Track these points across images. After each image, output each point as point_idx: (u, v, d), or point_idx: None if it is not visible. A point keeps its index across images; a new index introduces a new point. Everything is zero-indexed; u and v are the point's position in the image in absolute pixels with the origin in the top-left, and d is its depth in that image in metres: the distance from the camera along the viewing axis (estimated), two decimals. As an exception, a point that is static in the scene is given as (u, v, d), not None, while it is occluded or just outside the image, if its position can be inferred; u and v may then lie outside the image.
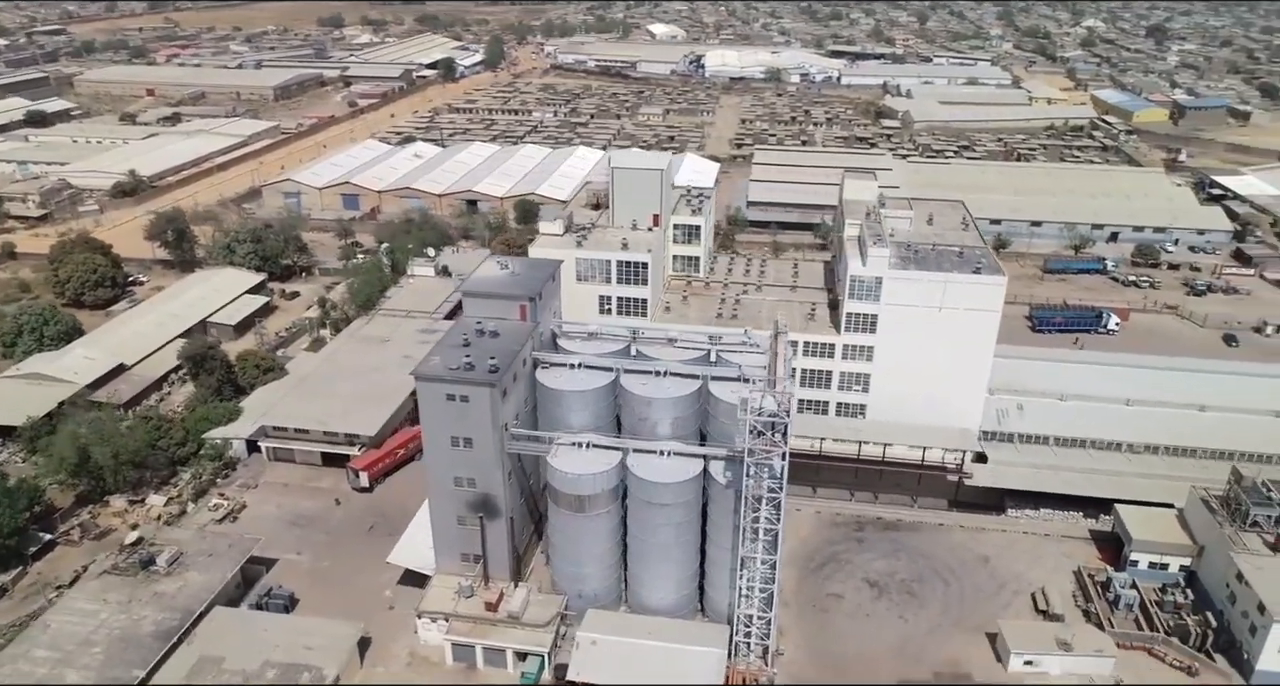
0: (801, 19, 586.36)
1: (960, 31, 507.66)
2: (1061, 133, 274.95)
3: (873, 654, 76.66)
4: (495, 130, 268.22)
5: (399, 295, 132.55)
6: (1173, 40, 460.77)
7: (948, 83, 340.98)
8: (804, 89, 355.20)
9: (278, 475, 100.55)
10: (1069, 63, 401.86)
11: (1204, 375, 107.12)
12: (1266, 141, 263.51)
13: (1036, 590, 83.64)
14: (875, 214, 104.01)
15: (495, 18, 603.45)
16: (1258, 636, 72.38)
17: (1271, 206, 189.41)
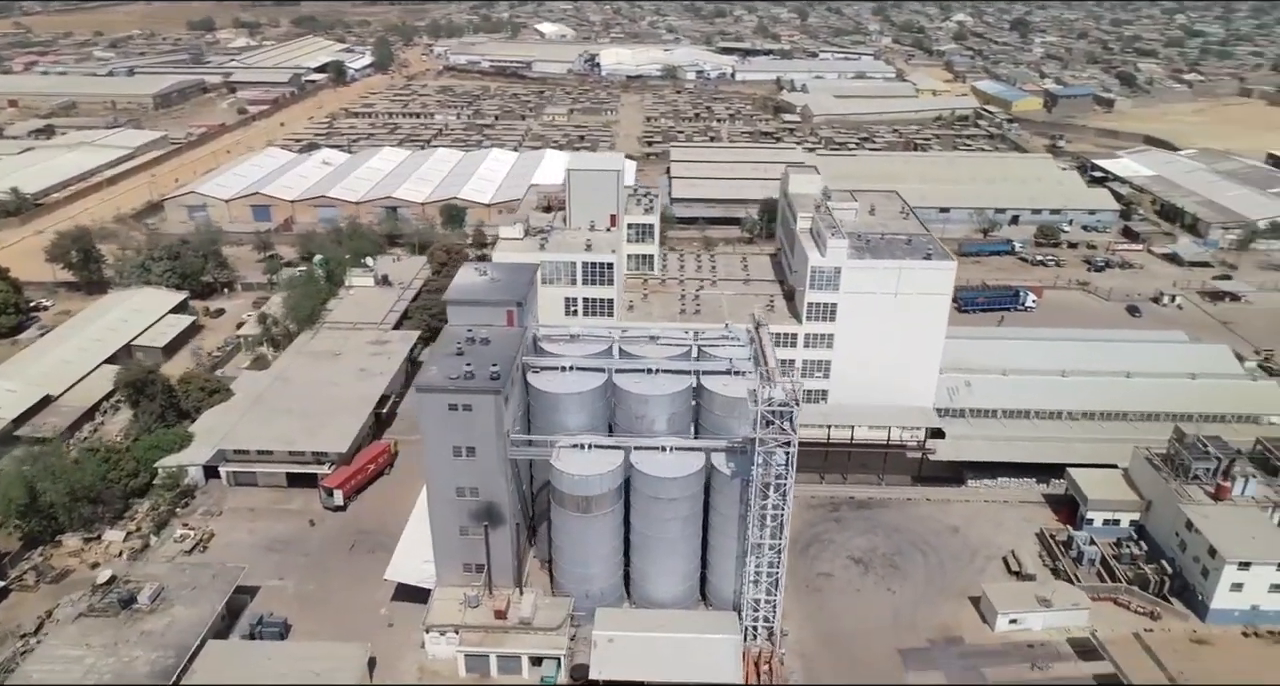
0: (687, 17, 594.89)
1: (841, 27, 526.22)
2: (949, 123, 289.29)
3: (870, 626, 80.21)
4: (400, 134, 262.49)
5: (341, 307, 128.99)
6: (1035, 33, 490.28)
7: (838, 77, 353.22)
8: (701, 86, 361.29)
9: (242, 500, 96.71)
10: (945, 56, 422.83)
11: (1127, 344, 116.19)
12: (1131, 126, 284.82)
13: (1007, 553, 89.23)
14: (824, 207, 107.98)
15: (376, 18, 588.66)
16: (1210, 578, 79.48)
17: (1149, 186, 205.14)
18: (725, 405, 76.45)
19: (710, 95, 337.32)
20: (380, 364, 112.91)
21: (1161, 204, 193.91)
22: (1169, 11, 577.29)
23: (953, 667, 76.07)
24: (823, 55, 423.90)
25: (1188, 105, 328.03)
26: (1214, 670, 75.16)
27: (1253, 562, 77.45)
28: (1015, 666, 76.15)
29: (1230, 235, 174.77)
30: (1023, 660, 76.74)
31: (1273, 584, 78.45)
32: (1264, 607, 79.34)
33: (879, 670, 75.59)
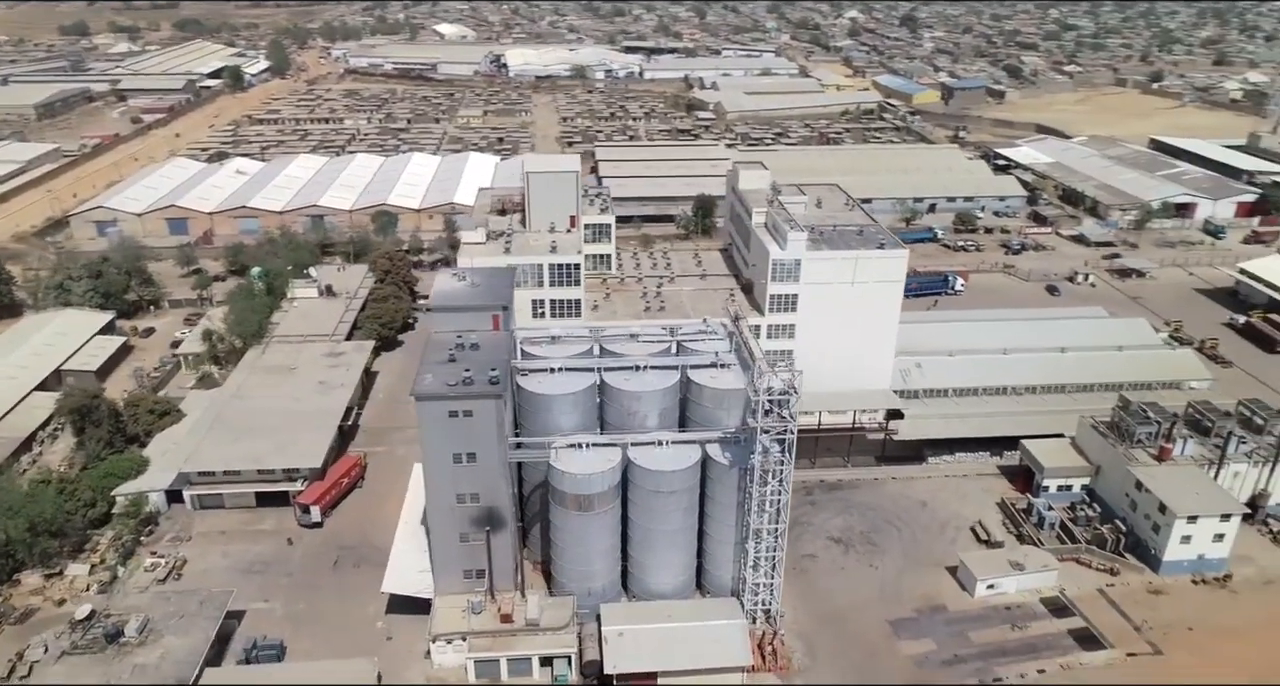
0: (587, 16, 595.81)
1: (740, 25, 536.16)
2: (856, 117, 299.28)
3: (859, 601, 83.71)
4: (311, 141, 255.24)
5: (286, 320, 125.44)
6: (923, 29, 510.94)
7: (744, 74, 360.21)
8: (611, 85, 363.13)
9: (210, 523, 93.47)
10: (843, 52, 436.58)
11: (1057, 322, 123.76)
12: (1023, 116, 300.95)
13: (974, 524, 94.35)
14: (777, 202, 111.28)
15: (264, 20, 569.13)
16: (1161, 533, 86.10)
17: (1049, 172, 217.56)
18: (715, 397, 78.41)
19: (622, 94, 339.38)
20: (338, 376, 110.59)
21: (1063, 189, 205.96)
22: (1042, 6, 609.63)
23: (940, 634, 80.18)
24: (726, 53, 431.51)
25: (1070, 95, 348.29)
26: (1171, 617, 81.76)
27: (1199, 516, 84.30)
28: (997, 628, 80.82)
29: (1128, 216, 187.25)
30: (1003, 622, 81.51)
31: (1215, 533, 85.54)
32: (1209, 556, 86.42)
33: (873, 642, 79.07)
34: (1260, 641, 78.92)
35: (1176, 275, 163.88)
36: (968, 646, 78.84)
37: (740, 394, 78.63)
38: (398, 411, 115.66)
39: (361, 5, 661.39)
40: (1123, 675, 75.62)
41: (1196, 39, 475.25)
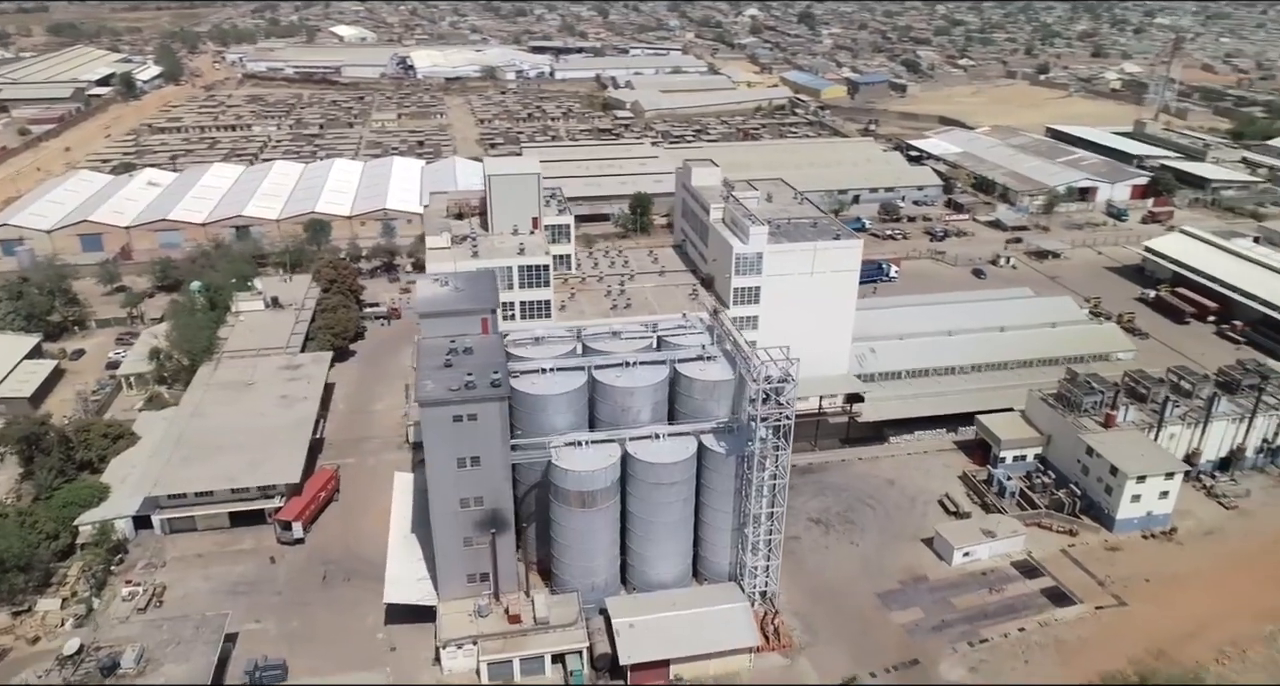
0: (488, 17, 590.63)
1: (644, 24, 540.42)
2: (769, 112, 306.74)
3: (847, 577, 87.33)
4: (221, 149, 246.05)
5: (234, 334, 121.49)
6: (821, 25, 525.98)
7: (655, 73, 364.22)
8: (523, 85, 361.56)
9: (184, 547, 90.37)
10: (747, 49, 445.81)
11: (992, 303, 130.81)
12: (926, 108, 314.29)
13: (941, 497, 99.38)
14: (732, 197, 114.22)
15: (145, 24, 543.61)
16: (1114, 494, 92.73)
17: (960, 161, 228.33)
18: (705, 389, 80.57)
19: (536, 94, 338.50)
20: (300, 389, 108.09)
21: (975, 177, 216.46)
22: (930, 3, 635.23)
23: (926, 602, 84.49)
24: (634, 52, 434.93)
25: (966, 88, 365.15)
26: (1128, 571, 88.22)
27: (1147, 475, 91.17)
28: (976, 592, 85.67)
29: (1036, 201, 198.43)
30: (981, 586, 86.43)
31: (1161, 491, 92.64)
32: (1155, 513, 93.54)
33: (865, 615, 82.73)
34: (1209, 587, 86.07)
35: (1087, 255, 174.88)
36: (952, 611, 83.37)
37: (729, 385, 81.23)
38: (360, 422, 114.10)
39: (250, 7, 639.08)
40: (1090, 630, 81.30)
41: (1073, 33, 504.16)
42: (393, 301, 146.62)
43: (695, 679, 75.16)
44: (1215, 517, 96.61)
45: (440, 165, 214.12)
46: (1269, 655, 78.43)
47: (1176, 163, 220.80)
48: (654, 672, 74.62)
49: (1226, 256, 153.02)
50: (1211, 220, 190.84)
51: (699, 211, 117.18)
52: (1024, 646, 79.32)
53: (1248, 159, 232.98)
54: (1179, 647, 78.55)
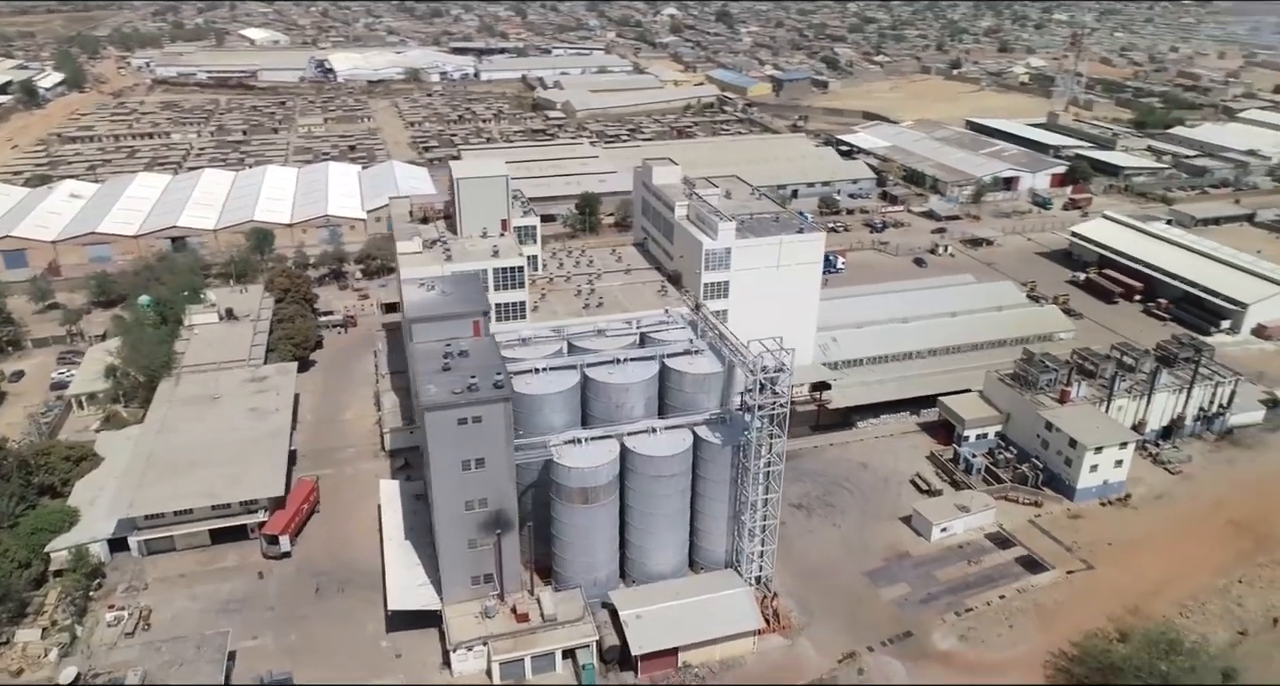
0: (403, 18, 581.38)
1: (564, 24, 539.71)
2: (699, 110, 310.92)
3: (834, 558, 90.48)
4: (142, 158, 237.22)
5: (191, 348, 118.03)
6: (739, 24, 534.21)
7: (582, 72, 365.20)
8: (449, 87, 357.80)
9: (165, 568, 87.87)
10: (669, 48, 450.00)
11: (940, 290, 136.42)
12: (849, 104, 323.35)
13: (912, 476, 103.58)
14: (695, 194, 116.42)
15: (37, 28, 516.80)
16: (1073, 465, 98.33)
17: (890, 155, 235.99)
18: (695, 382, 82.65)
19: (464, 96, 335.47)
20: (269, 401, 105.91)
21: (906, 170, 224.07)
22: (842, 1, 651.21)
23: (911, 577, 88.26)
24: (557, 52, 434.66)
25: (884, 83, 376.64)
26: (1091, 537, 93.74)
27: (1104, 446, 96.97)
28: (956, 565, 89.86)
29: (965, 191, 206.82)
30: (960, 559, 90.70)
31: (1116, 460, 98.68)
32: (1111, 481, 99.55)
33: (856, 593, 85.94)
34: (1165, 547, 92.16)
35: (1017, 241, 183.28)
36: (937, 584, 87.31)
37: (718, 377, 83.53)
38: (331, 432, 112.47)
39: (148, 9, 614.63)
40: (1064, 594, 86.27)
41: (979, 29, 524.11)
42: (347, 309, 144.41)
43: (702, 664, 77.05)
44: (1163, 483, 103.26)
45: (378, 170, 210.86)
46: (1225, 606, 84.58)
47: (1089, 152, 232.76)
48: (663, 661, 76.21)
49: (1147, 239, 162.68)
50: (1126, 205, 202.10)
51: (662, 209, 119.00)
52: (1006, 612, 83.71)
53: (1153, 147, 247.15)
54: (1145, 604, 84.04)
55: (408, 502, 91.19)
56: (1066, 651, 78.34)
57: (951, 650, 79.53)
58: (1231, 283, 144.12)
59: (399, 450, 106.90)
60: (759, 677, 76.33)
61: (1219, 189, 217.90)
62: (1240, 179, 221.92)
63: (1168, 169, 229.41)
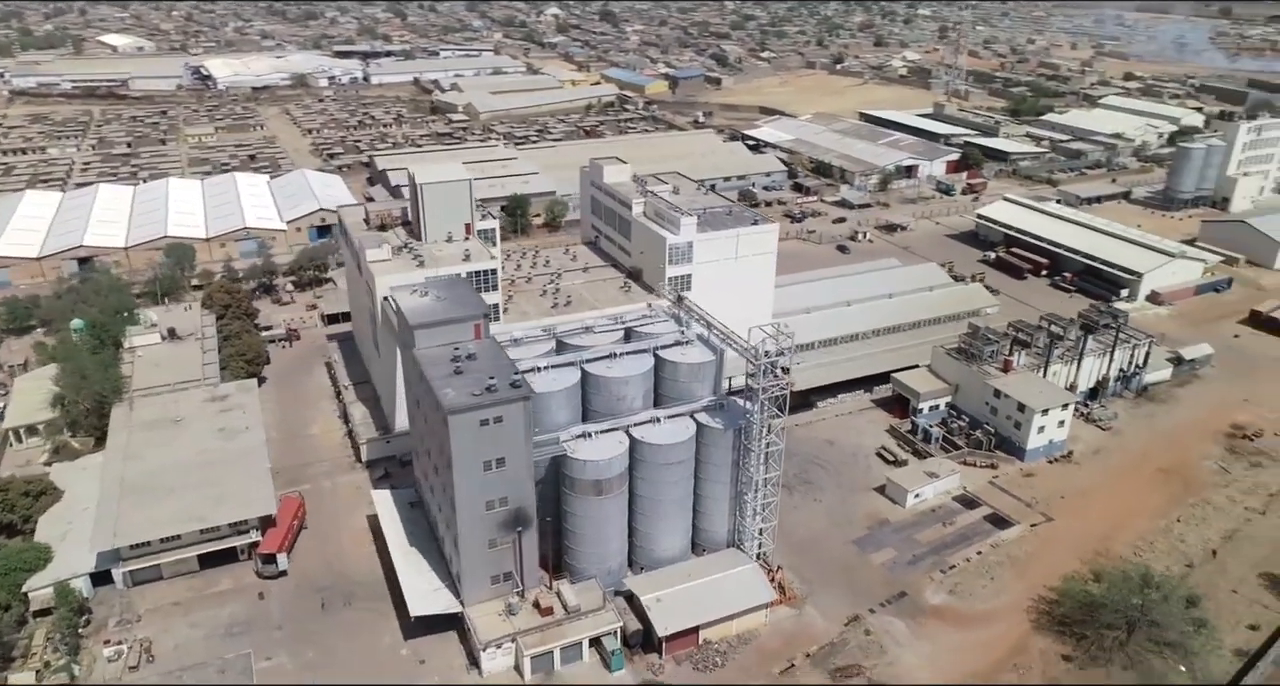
0: (276, 21, 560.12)
1: (447, 25, 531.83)
2: (601, 109, 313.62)
3: (819, 530, 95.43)
4: (21, 176, 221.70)
5: (138, 372, 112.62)
6: (623, 23, 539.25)
7: (476, 74, 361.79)
8: (340, 92, 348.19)
9: (156, 598, 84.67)
10: (558, 47, 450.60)
11: (872, 274, 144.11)
12: (744, 99, 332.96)
13: (878, 449, 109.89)
14: (650, 192, 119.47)
15: None
16: (1023, 428, 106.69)
17: (795, 148, 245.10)
18: (690, 371, 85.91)
19: (358, 101, 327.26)
20: (237, 419, 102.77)
21: (814, 162, 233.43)
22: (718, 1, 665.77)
23: (894, 541, 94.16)
24: (444, 53, 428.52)
25: (773, 79, 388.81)
26: (1045, 492, 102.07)
27: (1049, 408, 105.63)
28: (933, 527, 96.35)
29: (871, 180, 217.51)
30: (935, 522, 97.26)
31: (1059, 421, 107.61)
32: (1055, 440, 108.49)
33: (847, 561, 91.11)
34: (1110, 496, 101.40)
35: (927, 225, 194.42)
36: (919, 547, 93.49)
37: (711, 365, 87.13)
38: (301, 448, 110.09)
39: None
40: (1032, 545, 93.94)
41: (854, 25, 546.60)
42: (288, 323, 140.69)
43: (721, 640, 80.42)
44: (1097, 439, 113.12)
45: (289, 179, 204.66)
46: (1170, 543, 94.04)
47: (976, 139, 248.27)
48: (685, 640, 79.19)
49: (1046, 218, 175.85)
50: (1016, 188, 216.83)
51: (617, 207, 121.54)
52: (985, 566, 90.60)
53: (1031, 133, 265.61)
54: (1104, 547, 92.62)
55: (404, 511, 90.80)
56: (1045, 596, 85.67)
57: (944, 604, 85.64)
58: (1126, 255, 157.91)
59: (376, 461, 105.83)
60: (777, 647, 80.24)
61: (1094, 170, 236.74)
62: (1111, 160, 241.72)
63: (1048, 153, 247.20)
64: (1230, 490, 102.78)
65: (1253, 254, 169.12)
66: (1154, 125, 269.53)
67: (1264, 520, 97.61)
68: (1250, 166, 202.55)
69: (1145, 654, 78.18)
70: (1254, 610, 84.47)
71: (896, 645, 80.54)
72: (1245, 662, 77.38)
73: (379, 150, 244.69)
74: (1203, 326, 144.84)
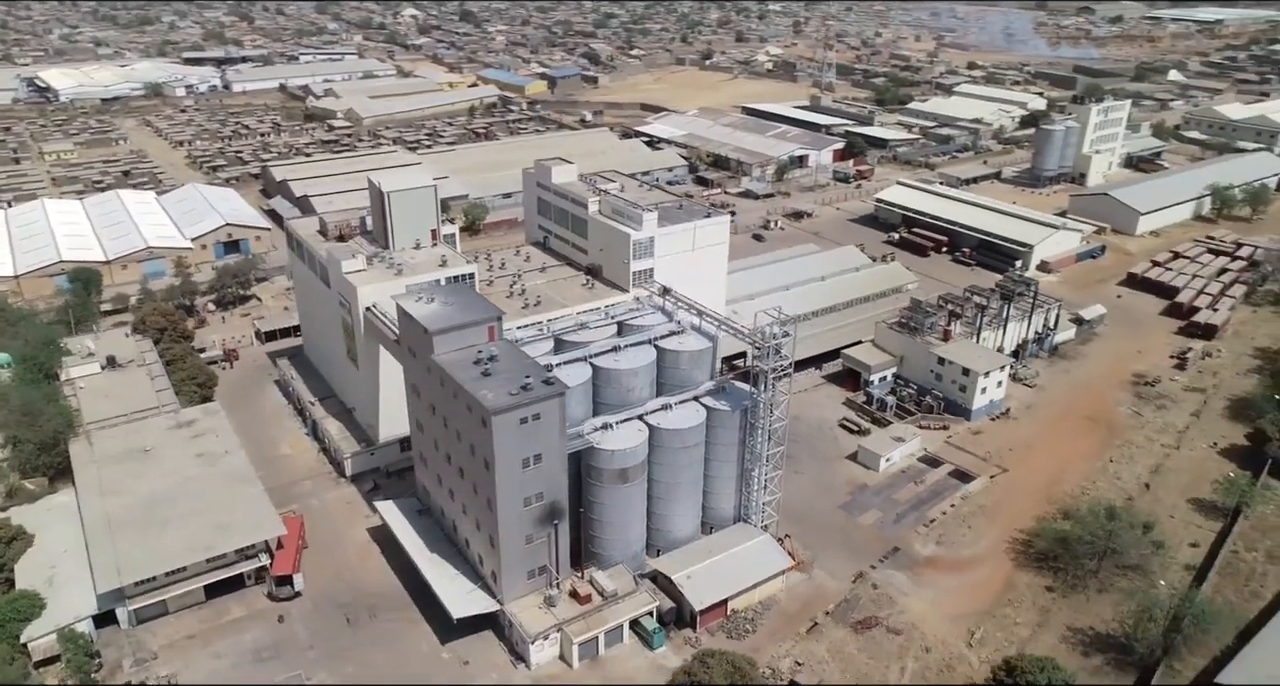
0: (106, 27, 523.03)
1: (300, 28, 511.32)
2: (484, 111, 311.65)
3: (808, 499, 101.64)
4: None
5: (85, 404, 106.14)
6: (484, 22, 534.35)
7: (347, 78, 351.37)
8: (201, 101, 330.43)
9: (166, 634, 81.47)
10: (424, 49, 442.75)
11: (798, 259, 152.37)
12: (624, 96, 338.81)
13: (840, 421, 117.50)
14: (603, 190, 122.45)
15: None
16: (968, 390, 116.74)
17: (689, 142, 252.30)
18: (691, 359, 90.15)
19: (224, 110, 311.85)
20: (213, 444, 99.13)
21: (712, 156, 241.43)
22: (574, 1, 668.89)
23: (876, 503, 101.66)
24: (305, 58, 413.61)
25: (646, 76, 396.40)
26: (995, 447, 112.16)
27: (990, 371, 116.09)
28: (907, 487, 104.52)
29: (769, 171, 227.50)
30: (908, 482, 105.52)
31: (997, 381, 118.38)
32: (995, 400, 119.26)
33: (839, 525, 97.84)
34: (1049, 445, 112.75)
35: (829, 211, 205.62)
36: (899, 505, 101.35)
37: (708, 352, 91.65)
38: (277, 468, 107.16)
39: None
40: (997, 495, 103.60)
41: (712, 21, 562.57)
42: (223, 342, 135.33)
43: (746, 608, 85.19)
44: (1025, 395, 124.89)
45: (180, 195, 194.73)
46: (1109, 481, 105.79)
47: (856, 129, 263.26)
48: (715, 613, 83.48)
49: (939, 199, 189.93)
50: (899, 173, 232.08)
51: (569, 207, 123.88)
52: (961, 517, 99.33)
53: (901, 121, 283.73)
54: (1057, 490, 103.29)
55: (413, 519, 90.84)
56: (1018, 538, 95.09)
57: (934, 554, 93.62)
58: (1016, 229, 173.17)
59: (361, 474, 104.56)
60: (797, 609, 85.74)
61: (963, 153, 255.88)
62: (976, 143, 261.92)
63: (920, 139, 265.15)
64: (1145, 431, 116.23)
65: (1116, 223, 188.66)
66: (1006, 110, 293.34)
67: (1179, 454, 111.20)
68: (1100, 145, 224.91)
69: (1114, 577, 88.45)
70: (1190, 530, 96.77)
71: (903, 595, 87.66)
72: (1194, 575, 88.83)
73: (265, 160, 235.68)
74: (1087, 290, 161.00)
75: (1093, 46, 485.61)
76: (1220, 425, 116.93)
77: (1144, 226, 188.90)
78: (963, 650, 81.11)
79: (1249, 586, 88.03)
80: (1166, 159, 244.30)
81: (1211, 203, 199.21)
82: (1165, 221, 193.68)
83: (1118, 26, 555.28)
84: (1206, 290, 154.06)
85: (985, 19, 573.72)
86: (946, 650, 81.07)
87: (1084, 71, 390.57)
